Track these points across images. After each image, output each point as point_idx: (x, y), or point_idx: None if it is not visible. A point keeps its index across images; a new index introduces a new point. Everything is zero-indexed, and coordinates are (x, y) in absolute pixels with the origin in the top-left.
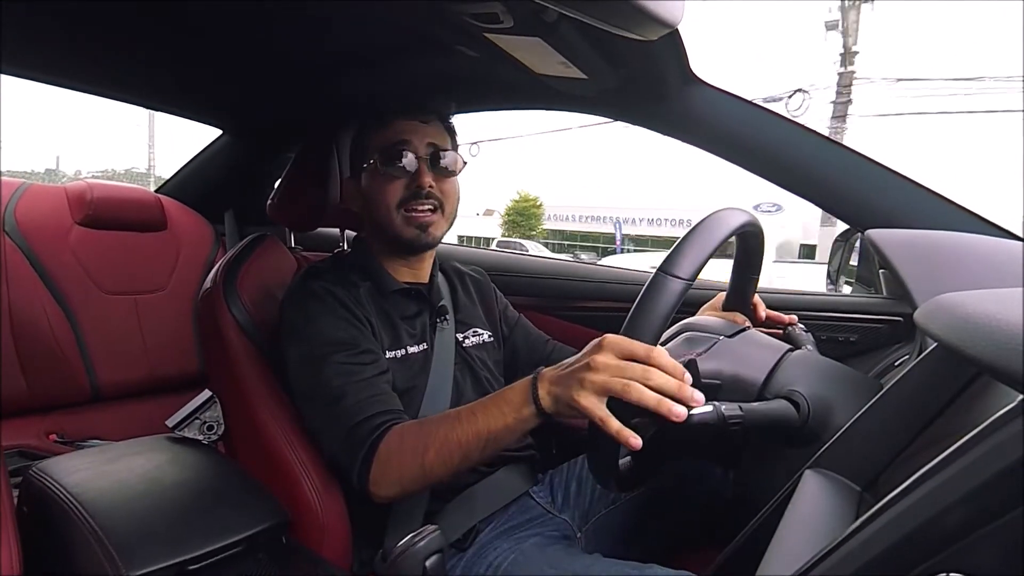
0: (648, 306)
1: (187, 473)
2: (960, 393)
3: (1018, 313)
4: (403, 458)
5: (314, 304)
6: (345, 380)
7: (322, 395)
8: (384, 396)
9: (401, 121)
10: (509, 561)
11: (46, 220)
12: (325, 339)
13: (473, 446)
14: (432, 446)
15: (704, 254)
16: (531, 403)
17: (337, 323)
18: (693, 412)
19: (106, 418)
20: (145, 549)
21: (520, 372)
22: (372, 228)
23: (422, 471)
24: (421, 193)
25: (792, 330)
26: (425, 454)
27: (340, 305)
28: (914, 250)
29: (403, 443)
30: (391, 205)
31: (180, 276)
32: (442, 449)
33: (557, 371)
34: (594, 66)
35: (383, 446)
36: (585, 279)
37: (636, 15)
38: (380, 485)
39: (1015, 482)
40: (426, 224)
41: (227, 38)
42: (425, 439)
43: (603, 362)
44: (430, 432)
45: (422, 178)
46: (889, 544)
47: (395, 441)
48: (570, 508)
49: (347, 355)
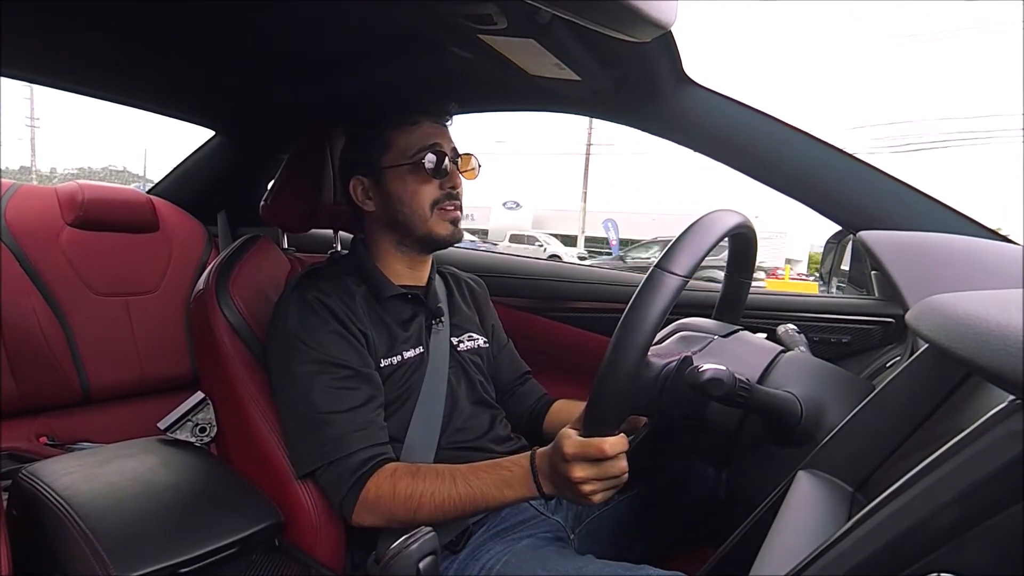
0: (645, 301)
1: (179, 475)
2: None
3: (1009, 314)
4: (394, 504)
5: (308, 317)
6: (332, 407)
7: (307, 417)
8: (370, 428)
9: (428, 123)
10: (502, 563)
11: (37, 221)
12: (315, 358)
13: (468, 510)
14: (426, 505)
15: (700, 252)
16: (535, 490)
17: (330, 340)
18: (707, 367)
19: (97, 420)
20: (137, 552)
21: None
22: (391, 228)
23: (412, 519)
24: (454, 193)
25: (785, 331)
26: (418, 510)
27: (334, 318)
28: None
29: (395, 491)
30: (424, 205)
31: (172, 277)
32: (436, 510)
33: (551, 470)
34: (587, 67)
35: (372, 484)
36: (578, 280)
37: (629, 16)
38: (364, 517)
39: (1006, 482)
40: (457, 220)
41: (219, 39)
42: (420, 496)
43: (583, 477)
44: (425, 489)
45: (455, 179)
46: (881, 544)
47: (386, 486)
48: (563, 509)
49: (335, 378)
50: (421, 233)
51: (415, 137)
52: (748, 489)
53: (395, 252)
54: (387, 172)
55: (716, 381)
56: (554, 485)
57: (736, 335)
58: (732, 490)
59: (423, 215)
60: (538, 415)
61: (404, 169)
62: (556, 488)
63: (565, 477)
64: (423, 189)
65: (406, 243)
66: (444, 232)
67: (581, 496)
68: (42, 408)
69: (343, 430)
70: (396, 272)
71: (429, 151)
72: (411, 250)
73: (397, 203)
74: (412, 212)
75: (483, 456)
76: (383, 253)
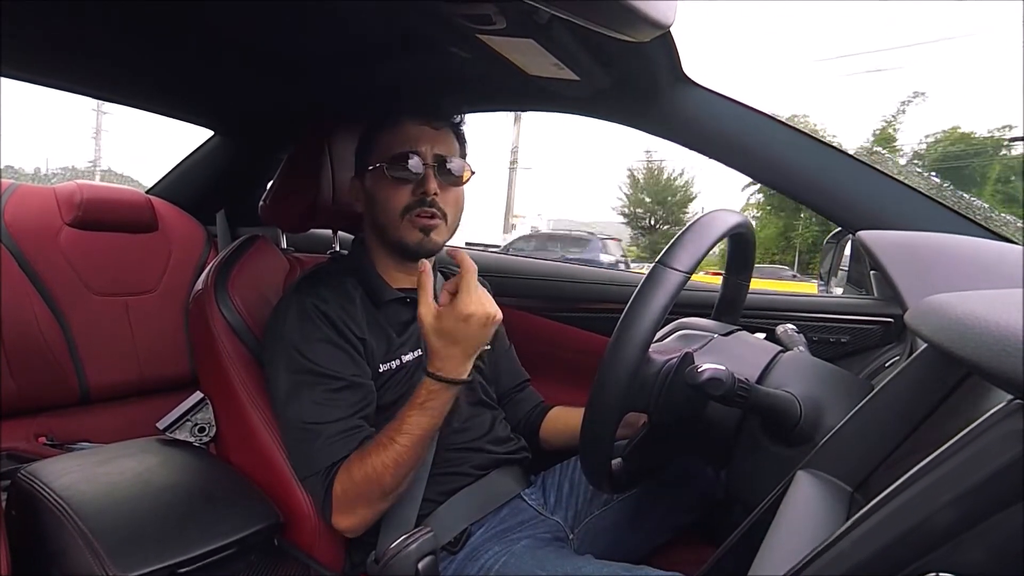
0: (648, 296)
1: (178, 475)
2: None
3: (1008, 315)
4: (360, 490)
5: (304, 324)
6: (318, 418)
7: (294, 427)
8: (353, 434)
9: (411, 124)
10: (500, 563)
11: (35, 221)
12: (307, 367)
13: (421, 450)
14: (387, 473)
15: (702, 249)
16: (453, 389)
17: (324, 350)
18: (706, 367)
19: (96, 420)
20: (136, 552)
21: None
22: (374, 231)
23: (383, 494)
24: (426, 200)
25: (784, 331)
26: (383, 482)
27: (331, 326)
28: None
29: (353, 479)
30: (396, 210)
31: (171, 277)
32: (397, 472)
33: (445, 359)
34: (586, 67)
35: (337, 484)
36: (578, 281)
37: (628, 16)
38: (345, 521)
39: (1005, 482)
40: (429, 228)
41: (218, 38)
42: (376, 469)
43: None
44: (376, 462)
45: (428, 184)
46: (880, 544)
47: (345, 479)
48: (562, 509)
49: (326, 389)
50: (393, 239)
51: (395, 139)
52: (747, 489)
53: (386, 255)
54: (368, 174)
55: (715, 381)
56: (459, 364)
57: (735, 335)
58: (731, 490)
59: (394, 221)
60: (534, 423)
61: (380, 172)
62: (463, 361)
63: (457, 341)
64: (393, 194)
65: (387, 247)
66: (412, 240)
67: (483, 328)
68: (41, 408)
69: (326, 441)
70: (393, 274)
71: (401, 153)
72: (394, 254)
73: (375, 206)
74: (385, 217)
75: (483, 457)
76: (378, 255)
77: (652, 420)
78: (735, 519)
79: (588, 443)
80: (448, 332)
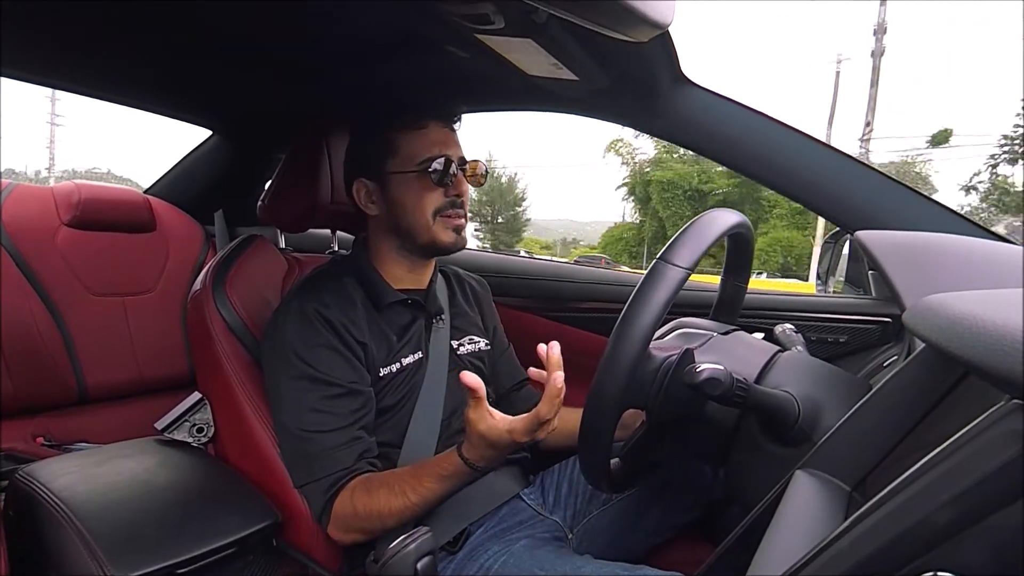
0: (649, 291)
1: (177, 476)
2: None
3: (1006, 314)
4: (360, 522)
5: (304, 329)
6: (317, 426)
7: (292, 433)
8: (353, 445)
9: (436, 127)
10: (500, 563)
11: (33, 221)
12: (307, 373)
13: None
14: (392, 517)
15: (702, 246)
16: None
17: (324, 355)
18: (705, 367)
19: (94, 421)
20: (134, 553)
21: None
22: (394, 233)
23: (383, 529)
24: (458, 202)
25: (782, 331)
26: (384, 522)
27: (332, 332)
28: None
29: (356, 510)
30: (428, 212)
31: (169, 277)
32: (400, 519)
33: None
34: (585, 67)
35: (338, 504)
36: (578, 280)
37: (626, 16)
38: (340, 535)
39: (1003, 481)
40: (461, 228)
41: (216, 37)
42: (379, 510)
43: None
44: (382, 505)
45: (462, 187)
46: (878, 543)
47: (348, 506)
48: (561, 509)
49: (325, 396)
50: (424, 240)
51: (423, 143)
52: (745, 488)
53: (396, 256)
54: (392, 178)
55: (714, 381)
56: (493, 460)
57: (734, 334)
58: (729, 489)
59: (426, 223)
60: None
61: (410, 176)
62: (491, 461)
63: (498, 449)
64: (428, 197)
65: (408, 248)
66: (447, 240)
67: (522, 442)
68: (39, 408)
69: (325, 449)
70: (396, 275)
71: (437, 159)
72: (413, 255)
73: (401, 209)
74: (415, 219)
75: None
76: (384, 256)
77: (651, 418)
78: (734, 519)
79: (587, 437)
80: (493, 443)
